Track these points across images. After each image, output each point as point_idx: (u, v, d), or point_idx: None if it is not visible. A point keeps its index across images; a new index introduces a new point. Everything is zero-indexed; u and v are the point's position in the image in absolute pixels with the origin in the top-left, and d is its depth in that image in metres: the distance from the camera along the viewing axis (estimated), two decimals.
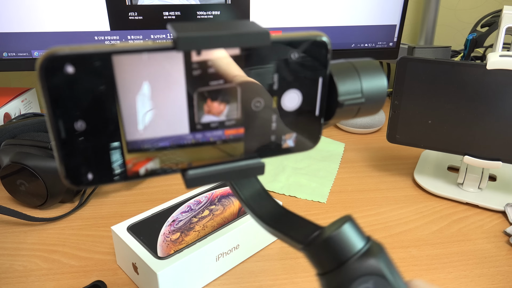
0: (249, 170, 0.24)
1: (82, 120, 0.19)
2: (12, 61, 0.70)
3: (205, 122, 0.22)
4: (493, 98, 0.51)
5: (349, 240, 0.22)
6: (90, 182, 0.21)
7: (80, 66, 0.18)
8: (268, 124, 0.24)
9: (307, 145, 0.25)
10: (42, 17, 0.67)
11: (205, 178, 0.23)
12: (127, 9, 0.68)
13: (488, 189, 0.59)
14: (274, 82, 0.23)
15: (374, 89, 0.24)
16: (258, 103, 0.23)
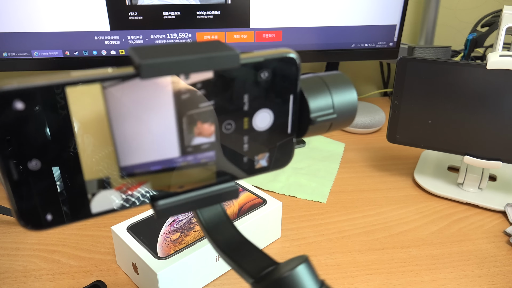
0: (223, 195, 0.23)
1: (36, 158, 0.18)
2: (12, 61, 0.70)
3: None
4: (493, 98, 0.51)
5: (302, 282, 0.21)
6: (49, 224, 0.19)
7: (31, 101, 0.17)
8: (240, 145, 0.23)
9: (280, 164, 0.25)
10: (42, 17, 0.67)
11: (176, 208, 0.22)
12: (127, 9, 0.68)
13: (488, 189, 0.59)
14: (245, 102, 0.22)
15: (345, 104, 0.24)
16: (229, 125, 0.22)
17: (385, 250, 0.48)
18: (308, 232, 0.51)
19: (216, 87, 0.21)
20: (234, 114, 0.22)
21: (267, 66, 0.22)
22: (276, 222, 0.49)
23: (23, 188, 0.18)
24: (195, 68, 0.19)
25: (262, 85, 0.22)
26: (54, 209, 0.19)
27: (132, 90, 0.19)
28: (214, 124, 0.22)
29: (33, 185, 0.18)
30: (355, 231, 0.52)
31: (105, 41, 0.70)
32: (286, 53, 0.22)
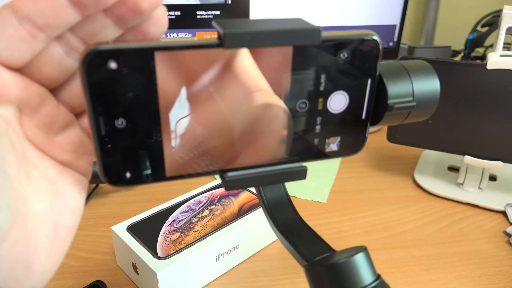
0: (291, 174, 0.23)
1: (122, 117, 0.19)
2: None
3: None
4: (493, 98, 0.51)
5: (358, 272, 0.21)
6: (128, 181, 0.20)
7: (123, 61, 0.18)
8: (312, 127, 0.23)
9: (350, 150, 0.24)
10: None
11: (245, 181, 0.22)
12: None
13: (488, 189, 0.59)
14: (321, 83, 0.22)
15: (426, 92, 0.23)
16: (303, 104, 0.22)
17: (385, 250, 0.48)
18: None
19: (294, 64, 0.21)
20: (310, 93, 0.22)
21: (348, 47, 0.21)
22: None
23: (108, 144, 0.19)
24: (276, 41, 0.19)
25: (340, 66, 0.21)
26: (133, 168, 0.20)
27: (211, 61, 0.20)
28: None
29: (117, 142, 0.19)
30: (355, 231, 0.51)
31: None
32: (369, 35, 0.21)
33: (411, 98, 0.23)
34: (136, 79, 0.18)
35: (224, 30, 0.18)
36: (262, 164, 0.23)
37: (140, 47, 0.18)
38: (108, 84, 0.18)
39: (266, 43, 0.19)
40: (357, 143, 0.24)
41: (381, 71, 0.23)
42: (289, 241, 0.24)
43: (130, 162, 0.20)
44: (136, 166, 0.20)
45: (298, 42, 0.19)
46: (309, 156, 0.24)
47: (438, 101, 0.24)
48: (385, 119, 0.23)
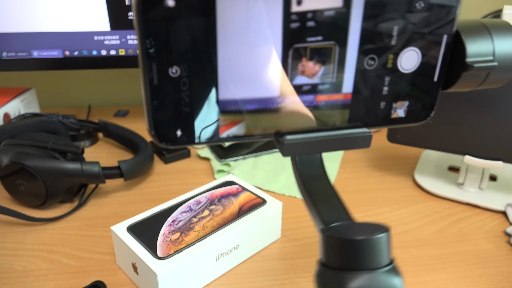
0: (354, 140, 0.21)
1: (177, 65, 0.17)
2: (12, 61, 0.70)
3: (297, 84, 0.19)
4: (493, 98, 0.51)
5: (384, 249, 0.19)
6: (178, 140, 0.19)
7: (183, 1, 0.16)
8: (379, 88, 0.21)
9: (418, 117, 0.22)
10: (42, 17, 0.67)
11: (304, 145, 0.20)
12: (127, 9, 0.67)
13: (488, 189, 0.59)
14: (393, 36, 0.19)
15: (508, 52, 0.21)
16: (372, 60, 0.20)
17: None
18: (308, 232, 0.51)
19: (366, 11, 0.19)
20: (380, 48, 0.19)
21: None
22: (276, 222, 0.48)
23: (160, 96, 0.17)
24: None
25: (415, 18, 0.19)
26: (185, 126, 0.18)
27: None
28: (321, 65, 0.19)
29: (169, 94, 0.17)
30: None
31: (104, 41, 0.70)
32: None
33: (491, 58, 0.21)
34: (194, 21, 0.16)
35: None
36: (321, 128, 0.21)
37: None
38: (163, 25, 0.16)
39: None
40: (426, 110, 0.22)
41: (459, 27, 0.21)
42: (312, 201, 0.22)
43: (183, 119, 0.18)
44: (189, 123, 0.18)
45: None
46: (373, 122, 0.22)
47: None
48: (461, 81, 0.21)
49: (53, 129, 0.60)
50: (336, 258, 0.19)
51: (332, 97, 0.20)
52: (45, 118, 0.60)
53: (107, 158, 0.68)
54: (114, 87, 0.94)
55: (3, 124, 0.58)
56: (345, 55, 0.19)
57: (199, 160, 0.67)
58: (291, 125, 0.20)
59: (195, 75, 0.17)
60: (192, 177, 0.63)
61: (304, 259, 0.46)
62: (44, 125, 0.59)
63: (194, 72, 0.17)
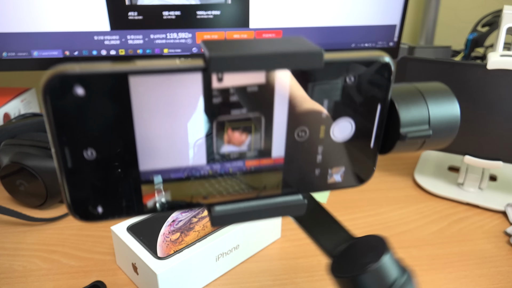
0: (288, 209, 0.21)
1: (92, 148, 0.17)
2: (12, 61, 0.70)
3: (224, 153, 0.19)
4: (493, 98, 0.51)
5: (386, 272, 0.20)
6: (100, 217, 0.19)
7: (92, 87, 0.16)
8: (313, 156, 0.20)
9: (357, 180, 0.22)
10: (42, 17, 0.67)
11: (234, 216, 0.20)
12: (127, 9, 0.68)
13: (488, 189, 0.59)
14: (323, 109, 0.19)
15: (444, 119, 0.21)
16: (303, 132, 0.20)
17: None
18: None
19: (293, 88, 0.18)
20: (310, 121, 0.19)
21: (355, 70, 0.19)
22: (276, 222, 0.49)
23: (76, 177, 0.17)
24: (271, 65, 0.17)
25: (346, 90, 0.19)
26: (105, 202, 0.18)
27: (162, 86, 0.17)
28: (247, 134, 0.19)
29: (86, 175, 0.17)
30: (355, 231, 0.51)
31: (104, 41, 0.70)
32: (379, 57, 0.19)
33: (427, 126, 0.21)
34: (107, 106, 0.16)
35: (210, 53, 0.16)
36: (253, 196, 0.20)
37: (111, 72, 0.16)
38: (74, 112, 0.16)
39: (261, 67, 0.17)
40: (364, 174, 0.22)
41: (393, 95, 0.20)
42: (311, 235, 0.23)
43: (102, 196, 0.18)
44: (109, 200, 0.18)
45: (297, 65, 0.17)
46: (309, 187, 0.21)
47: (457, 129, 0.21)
48: (397, 148, 0.21)
49: None
50: None
51: (262, 162, 0.20)
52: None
53: None
54: None
55: (3, 124, 0.58)
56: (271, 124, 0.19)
57: None
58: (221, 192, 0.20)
59: (112, 155, 0.17)
60: None
61: (304, 259, 0.46)
62: (44, 125, 0.60)
63: (111, 152, 0.17)
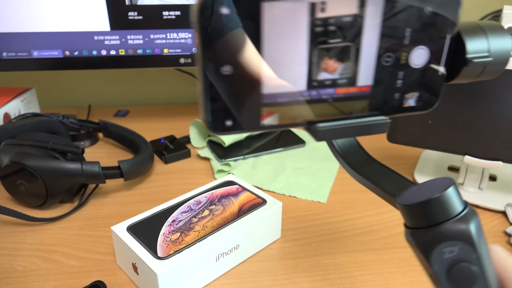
0: (375, 127, 0.25)
1: (229, 65, 0.20)
2: (12, 61, 0.70)
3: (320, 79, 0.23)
4: (493, 98, 0.51)
5: (449, 203, 0.22)
6: (229, 129, 0.21)
7: (235, 8, 0.19)
8: (394, 81, 0.24)
9: (426, 105, 0.26)
10: (42, 17, 0.67)
11: (334, 132, 0.24)
12: (127, 9, 0.68)
13: (488, 189, 0.59)
14: (406, 36, 0.23)
15: (500, 49, 0.25)
16: (388, 58, 0.23)
17: (385, 250, 0.48)
18: (308, 232, 0.51)
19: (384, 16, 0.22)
20: (395, 47, 0.23)
21: (432, 2, 0.23)
22: (276, 222, 0.49)
23: (214, 91, 0.20)
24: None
25: (424, 20, 0.23)
26: (233, 116, 0.21)
27: None
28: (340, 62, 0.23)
29: (221, 90, 0.20)
30: (355, 231, 0.51)
31: (105, 41, 0.70)
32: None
33: (487, 53, 0.25)
34: (244, 27, 0.19)
35: None
36: (346, 117, 0.24)
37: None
38: (218, 30, 0.19)
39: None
40: (432, 99, 0.26)
41: (459, 28, 0.24)
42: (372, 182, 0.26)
43: (231, 110, 0.21)
44: (237, 114, 0.21)
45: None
46: (389, 111, 0.25)
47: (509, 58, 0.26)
48: (462, 74, 0.25)
49: (53, 129, 0.60)
50: (411, 221, 0.23)
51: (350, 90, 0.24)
52: (45, 118, 0.60)
53: (107, 158, 0.68)
54: (114, 87, 0.94)
55: (3, 124, 0.58)
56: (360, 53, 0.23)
57: (199, 160, 0.68)
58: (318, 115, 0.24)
59: (243, 73, 0.20)
60: (192, 177, 0.63)
61: (304, 259, 0.47)
62: (44, 125, 0.60)
63: (243, 70, 0.20)
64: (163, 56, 0.72)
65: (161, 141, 0.71)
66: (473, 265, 0.22)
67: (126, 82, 0.94)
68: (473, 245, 0.22)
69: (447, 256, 0.22)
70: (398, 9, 0.22)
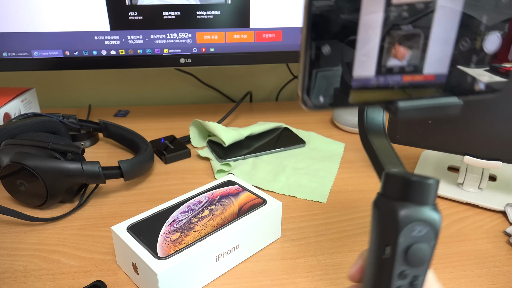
0: (450, 107, 0.26)
1: (328, 45, 0.22)
2: (12, 61, 0.70)
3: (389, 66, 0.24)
4: (493, 98, 0.51)
5: (434, 193, 0.24)
6: (320, 105, 0.24)
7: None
8: (468, 65, 0.26)
9: (494, 90, 0.27)
10: (42, 17, 0.67)
11: (414, 111, 0.25)
12: (127, 9, 0.68)
13: (488, 189, 0.59)
14: (483, 22, 0.24)
15: None
16: (465, 42, 0.25)
17: None
18: (308, 232, 0.51)
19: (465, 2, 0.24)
20: (472, 32, 0.25)
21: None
22: (276, 222, 0.49)
23: (313, 67, 0.23)
24: None
25: (499, 6, 0.24)
26: (327, 93, 0.24)
27: None
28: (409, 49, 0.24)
29: (320, 67, 0.23)
30: (355, 231, 0.51)
31: (105, 41, 0.70)
32: None
33: None
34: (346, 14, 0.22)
35: None
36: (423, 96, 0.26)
37: None
38: (324, 15, 0.22)
39: None
40: (501, 84, 0.27)
41: None
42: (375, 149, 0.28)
43: (326, 87, 0.24)
44: (330, 91, 0.24)
45: None
46: (462, 92, 0.26)
47: None
48: None
49: (53, 129, 0.60)
50: (395, 191, 0.25)
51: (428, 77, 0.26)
52: (45, 118, 0.60)
53: (107, 158, 0.68)
54: (114, 87, 0.94)
55: (4, 124, 0.58)
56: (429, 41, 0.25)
57: (199, 160, 0.68)
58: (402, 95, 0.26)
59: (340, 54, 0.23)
60: (192, 177, 0.63)
61: (304, 259, 0.47)
62: (44, 125, 0.60)
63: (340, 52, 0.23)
64: (163, 56, 0.72)
65: (161, 141, 0.71)
66: (429, 249, 0.24)
67: (126, 82, 0.94)
68: (436, 234, 0.24)
69: (415, 234, 0.24)
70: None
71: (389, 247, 0.24)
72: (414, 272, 0.25)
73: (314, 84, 0.23)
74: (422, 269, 0.25)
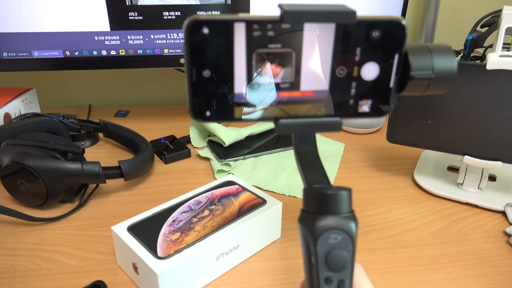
0: (329, 125, 0.29)
1: (208, 69, 0.26)
2: (12, 61, 0.70)
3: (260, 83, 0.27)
4: (492, 98, 0.51)
5: (345, 202, 0.27)
6: (208, 118, 0.27)
7: (212, 28, 0.25)
8: (348, 90, 0.28)
9: (379, 112, 0.29)
10: (42, 17, 0.67)
11: (293, 127, 0.28)
12: (127, 9, 0.68)
13: (488, 189, 0.59)
14: (357, 54, 0.27)
15: (444, 68, 0.28)
16: (342, 71, 0.27)
17: (385, 250, 0.48)
18: None
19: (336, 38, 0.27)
20: (347, 62, 0.27)
21: (379, 27, 0.26)
22: (276, 222, 0.49)
23: (196, 88, 0.26)
24: (321, 18, 0.25)
25: (372, 41, 0.27)
26: (211, 108, 0.27)
27: None
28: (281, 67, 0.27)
29: (202, 88, 0.26)
30: None
31: (105, 41, 0.70)
32: (397, 19, 0.27)
33: (430, 72, 0.28)
34: (220, 41, 0.25)
35: (285, 9, 0.25)
36: (307, 116, 0.28)
37: (225, 19, 0.25)
38: (201, 44, 0.25)
39: (316, 19, 0.25)
40: (385, 107, 0.29)
41: (407, 48, 0.28)
42: (302, 168, 0.29)
43: (210, 103, 0.27)
44: (214, 107, 0.27)
45: (339, 20, 0.26)
46: (345, 114, 0.29)
47: (455, 76, 0.29)
48: (408, 87, 0.29)
49: (53, 129, 0.61)
50: (312, 206, 0.27)
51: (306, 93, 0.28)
52: (45, 118, 0.60)
53: (107, 158, 0.68)
54: (114, 87, 0.94)
55: (4, 124, 0.58)
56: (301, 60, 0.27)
57: (199, 160, 0.68)
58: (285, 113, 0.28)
59: (219, 76, 0.26)
60: (192, 177, 0.63)
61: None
62: (44, 125, 0.60)
63: (219, 74, 0.26)
64: (163, 56, 0.72)
65: (161, 141, 0.71)
66: (348, 254, 0.26)
67: (126, 82, 0.94)
68: (352, 239, 0.26)
69: (331, 241, 0.26)
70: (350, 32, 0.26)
71: (313, 256, 0.27)
72: (338, 277, 0.27)
73: (198, 102, 0.26)
74: (345, 273, 0.27)
